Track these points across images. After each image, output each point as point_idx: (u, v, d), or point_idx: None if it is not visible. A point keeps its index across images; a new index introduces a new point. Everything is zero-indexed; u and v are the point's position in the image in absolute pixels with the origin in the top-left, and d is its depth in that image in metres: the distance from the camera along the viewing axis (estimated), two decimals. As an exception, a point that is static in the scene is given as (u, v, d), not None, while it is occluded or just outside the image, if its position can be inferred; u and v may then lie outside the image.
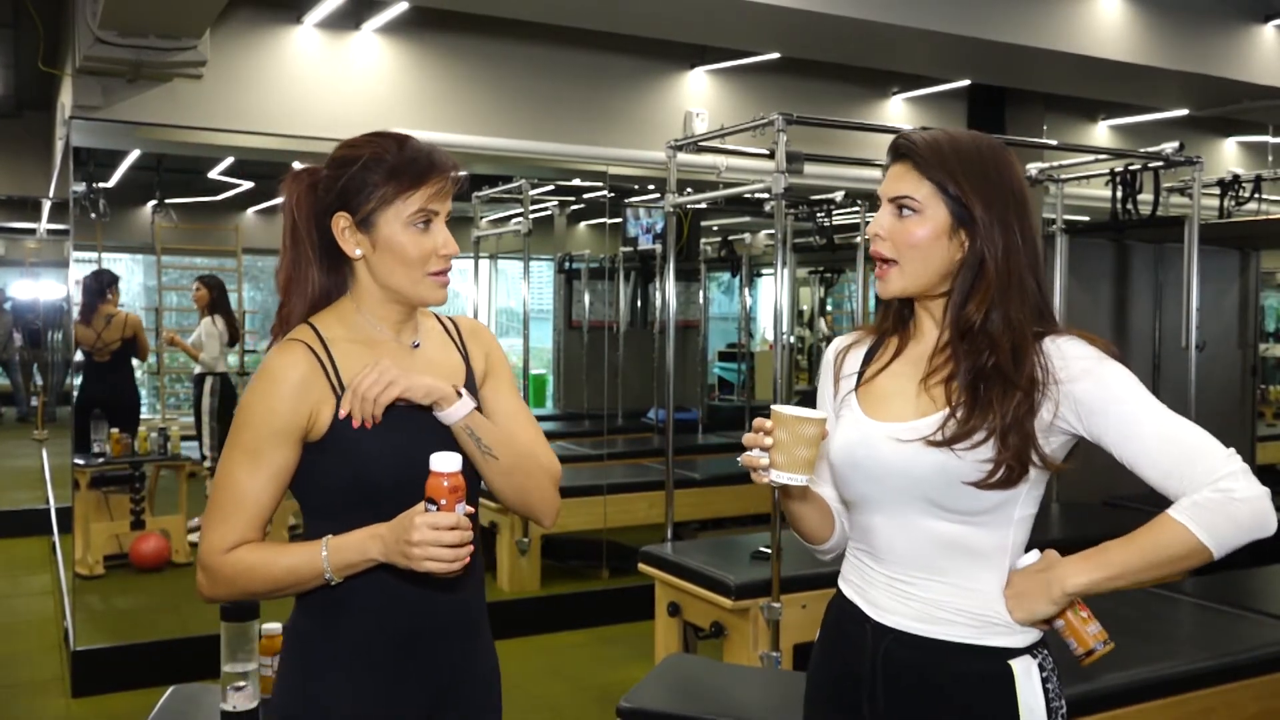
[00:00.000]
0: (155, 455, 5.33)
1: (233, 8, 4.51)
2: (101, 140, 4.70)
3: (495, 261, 7.76)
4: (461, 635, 1.55)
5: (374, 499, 1.44)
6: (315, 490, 1.48)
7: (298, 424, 1.44)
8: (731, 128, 3.81)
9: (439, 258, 1.51)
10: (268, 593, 1.45)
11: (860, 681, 1.48)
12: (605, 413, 6.78)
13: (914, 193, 1.43)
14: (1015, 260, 1.41)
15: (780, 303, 3.66)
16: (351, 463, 1.44)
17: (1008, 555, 1.43)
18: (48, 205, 8.26)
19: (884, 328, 1.55)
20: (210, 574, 1.45)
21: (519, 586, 5.30)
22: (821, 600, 3.61)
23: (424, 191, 1.48)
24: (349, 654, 1.49)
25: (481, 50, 5.26)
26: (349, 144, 1.52)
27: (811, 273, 8.91)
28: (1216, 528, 1.31)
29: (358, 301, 1.53)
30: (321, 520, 1.47)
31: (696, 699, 2.69)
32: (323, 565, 1.41)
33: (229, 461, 1.46)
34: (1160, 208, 4.82)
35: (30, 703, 4.13)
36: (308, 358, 1.46)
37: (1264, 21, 5.24)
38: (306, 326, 1.51)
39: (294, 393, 1.44)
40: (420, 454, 1.41)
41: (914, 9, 4.34)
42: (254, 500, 1.44)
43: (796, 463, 1.37)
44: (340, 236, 1.49)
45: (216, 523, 1.45)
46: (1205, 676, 2.82)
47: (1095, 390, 1.37)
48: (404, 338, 1.56)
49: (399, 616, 1.49)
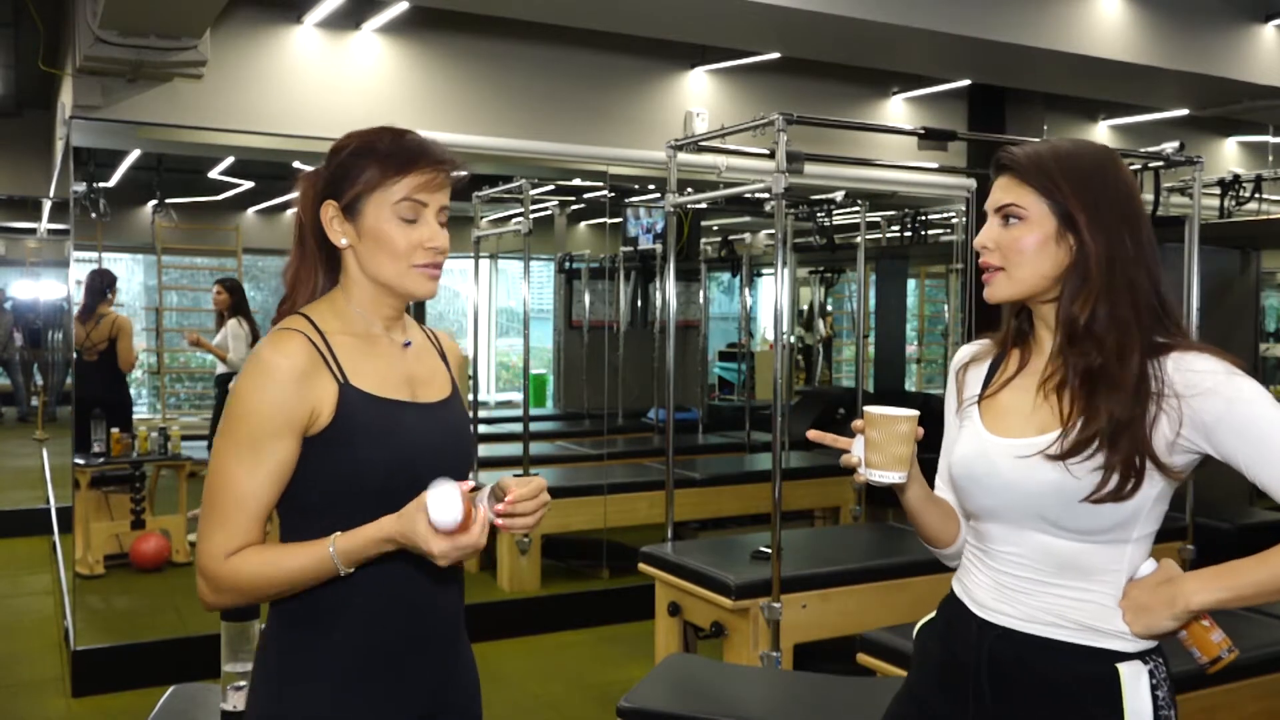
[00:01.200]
0: (155, 455, 5.33)
1: (233, 7, 4.51)
2: (102, 140, 4.70)
3: (495, 261, 7.78)
4: (446, 643, 1.53)
5: (362, 498, 1.41)
6: (303, 485, 1.42)
7: (301, 417, 1.39)
8: (732, 127, 3.81)
9: (426, 250, 1.46)
10: (276, 595, 1.41)
11: (967, 671, 1.48)
12: (605, 412, 6.78)
13: (1019, 200, 1.43)
14: (1121, 260, 1.39)
15: (780, 303, 3.66)
16: (349, 460, 1.41)
17: (1124, 573, 1.42)
18: (48, 205, 8.26)
19: (1004, 340, 1.55)
20: (214, 581, 1.39)
21: (519, 586, 5.30)
22: (822, 600, 3.63)
23: (411, 179, 1.44)
24: (332, 664, 1.44)
25: (482, 50, 5.26)
26: (347, 135, 1.50)
27: (812, 273, 8.91)
28: None
29: (349, 294, 1.50)
30: (301, 515, 1.44)
31: (697, 699, 2.69)
32: (332, 560, 1.37)
33: (226, 458, 1.39)
34: (1161, 207, 4.83)
35: (30, 702, 4.13)
36: (307, 347, 1.41)
37: (1264, 21, 5.23)
38: (300, 317, 1.46)
39: (296, 383, 1.38)
40: (414, 457, 1.44)
41: (914, 9, 4.34)
42: (255, 500, 1.39)
43: (891, 460, 1.41)
44: (328, 226, 1.46)
45: (216, 526, 1.39)
46: (1205, 676, 2.82)
47: (1222, 407, 1.34)
48: (395, 335, 1.53)
49: (385, 625, 1.45)
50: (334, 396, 1.41)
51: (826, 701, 2.67)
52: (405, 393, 1.49)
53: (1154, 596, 1.37)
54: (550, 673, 4.48)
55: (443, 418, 1.53)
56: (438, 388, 1.55)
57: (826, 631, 3.46)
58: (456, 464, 1.50)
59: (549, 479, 5.78)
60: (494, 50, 5.28)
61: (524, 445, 5.46)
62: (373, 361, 1.47)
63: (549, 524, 5.35)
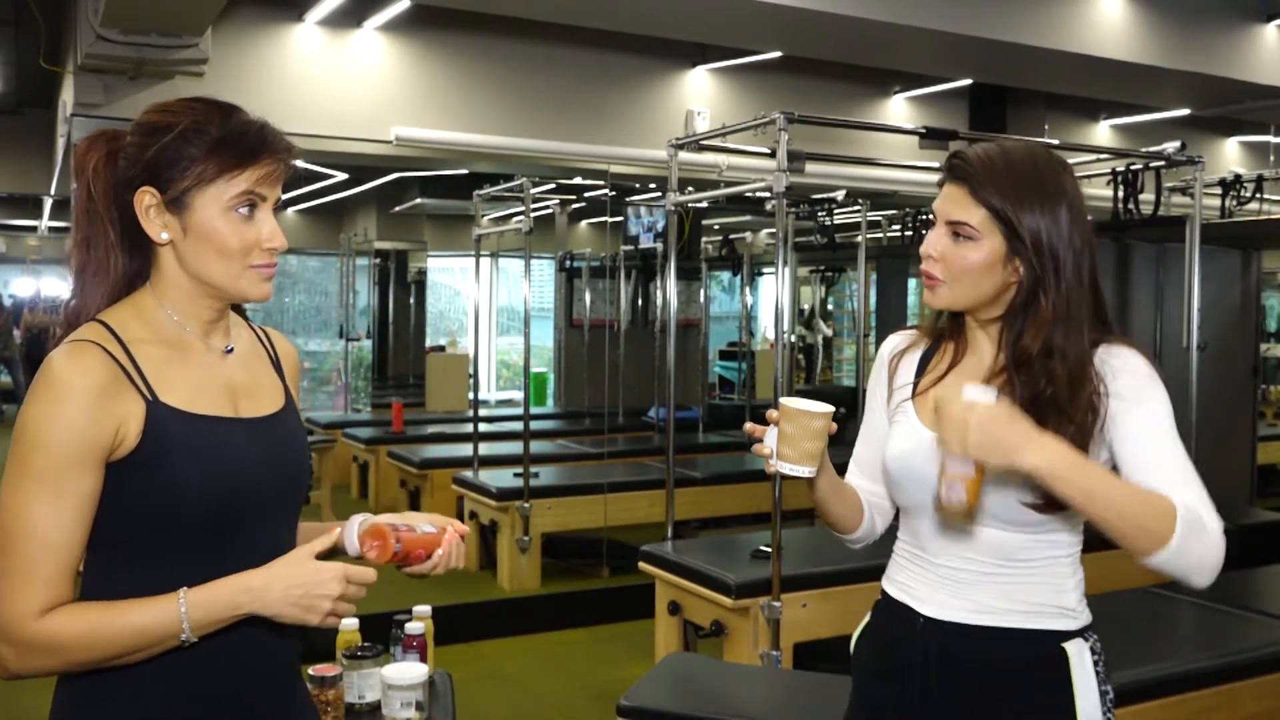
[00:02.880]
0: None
1: (234, 5, 4.51)
2: (103, 138, 4.70)
3: (496, 260, 7.78)
4: (276, 704, 1.34)
5: (181, 531, 1.23)
6: (110, 520, 1.21)
7: (101, 442, 1.18)
8: (733, 126, 3.81)
9: (263, 250, 1.27)
10: (104, 660, 1.18)
11: (913, 670, 1.49)
12: (606, 411, 6.78)
13: (969, 219, 1.41)
14: (1072, 290, 1.40)
15: (781, 302, 3.66)
16: (162, 488, 1.21)
17: (1065, 555, 1.45)
18: (49, 203, 8.28)
19: (938, 331, 1.55)
20: (22, 647, 1.16)
21: (519, 585, 5.30)
22: (822, 599, 3.62)
23: (252, 172, 1.25)
24: (148, 716, 1.24)
25: (483, 48, 5.26)
26: (162, 108, 1.29)
27: (812, 272, 8.92)
28: (1187, 536, 1.28)
29: (160, 295, 1.29)
30: (112, 551, 1.23)
31: (697, 698, 2.69)
32: (180, 623, 1.18)
33: (19, 496, 1.17)
34: (1162, 207, 4.82)
35: (31, 701, 4.13)
36: (104, 362, 1.20)
37: (1265, 21, 5.23)
38: (96, 324, 1.24)
39: (93, 403, 1.18)
40: (238, 479, 1.26)
41: (916, 8, 4.34)
42: (61, 545, 1.17)
43: (802, 455, 1.41)
44: (144, 215, 1.25)
45: (18, 580, 1.16)
46: (1205, 676, 2.82)
47: (1127, 397, 1.38)
48: (214, 341, 1.32)
49: (206, 679, 1.25)
50: (140, 415, 1.21)
51: (826, 701, 2.66)
52: (226, 407, 1.30)
53: (1009, 428, 1.27)
54: (550, 672, 4.48)
55: (271, 433, 1.33)
56: (267, 399, 1.36)
57: (826, 630, 3.46)
58: (287, 486, 1.34)
59: (549, 477, 5.83)
60: (495, 49, 5.28)
61: (524, 444, 5.46)
62: (185, 372, 1.27)
63: (549, 522, 5.36)
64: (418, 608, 2.08)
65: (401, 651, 2.03)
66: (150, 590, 1.20)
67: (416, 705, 1.86)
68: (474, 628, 4.78)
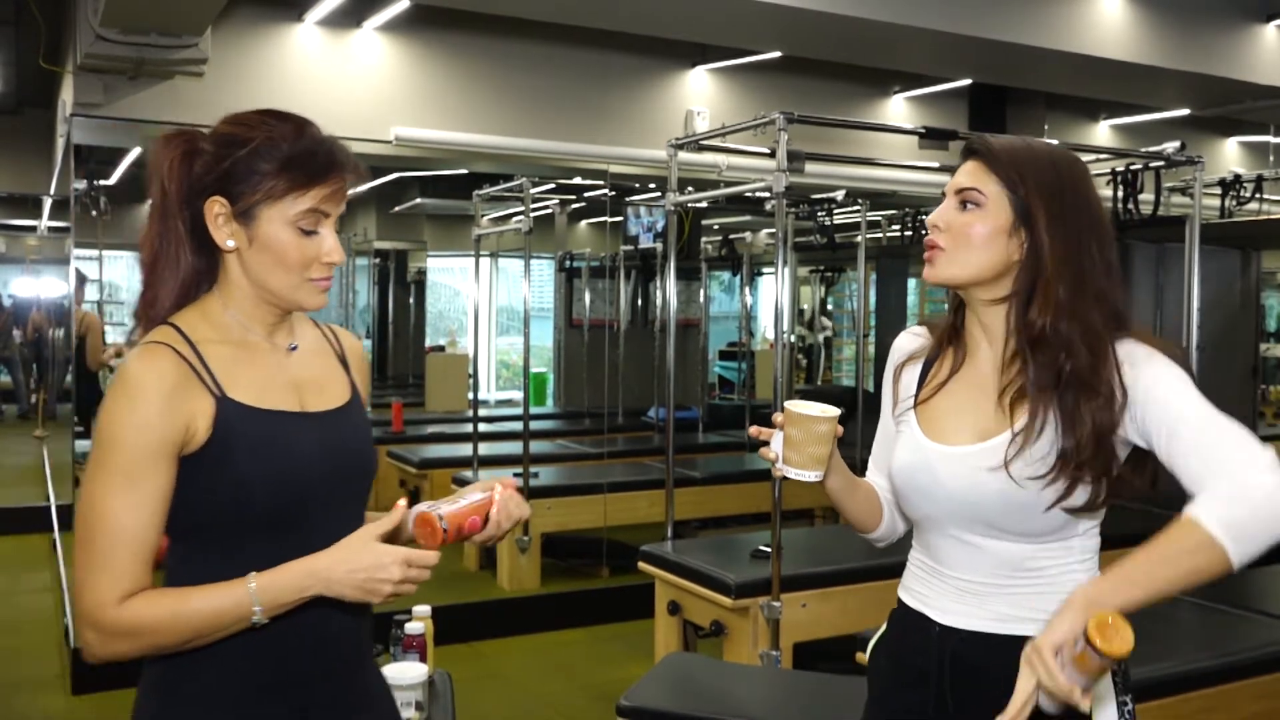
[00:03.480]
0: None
1: (234, 5, 4.51)
2: (103, 138, 4.70)
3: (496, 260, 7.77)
4: (347, 672, 1.41)
5: (250, 521, 1.30)
6: (185, 511, 1.29)
7: (174, 438, 1.26)
8: (732, 126, 3.81)
9: (322, 265, 1.34)
10: (182, 643, 1.25)
11: (928, 678, 1.47)
12: (606, 411, 6.78)
13: (981, 186, 1.41)
14: (1082, 266, 1.38)
15: (781, 302, 3.66)
16: (232, 480, 1.28)
17: (1078, 563, 1.43)
18: (49, 203, 8.27)
19: (943, 335, 1.53)
20: (105, 631, 1.24)
21: (519, 585, 5.29)
22: (822, 599, 3.62)
23: (318, 191, 1.31)
24: (218, 692, 1.30)
25: (483, 48, 5.26)
26: (238, 120, 1.34)
27: (812, 272, 8.91)
28: (1241, 533, 1.21)
29: (225, 299, 1.36)
30: (188, 541, 1.32)
31: (696, 698, 2.69)
32: (251, 606, 1.24)
33: (100, 491, 1.24)
34: (1161, 207, 4.82)
35: (31, 700, 4.13)
36: (175, 362, 1.28)
37: (1265, 21, 5.23)
38: (168, 328, 1.32)
39: (166, 401, 1.25)
40: (304, 471, 1.33)
41: (915, 8, 4.34)
42: (140, 536, 1.24)
43: (808, 460, 1.40)
44: (212, 223, 1.31)
45: (98, 569, 1.23)
46: (1205, 676, 2.82)
47: (1137, 387, 1.35)
48: (278, 340, 1.40)
49: (282, 651, 1.32)
50: (210, 412, 1.28)
51: (826, 701, 2.67)
52: (292, 402, 1.36)
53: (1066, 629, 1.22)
54: (550, 671, 4.48)
55: (337, 426, 1.40)
56: (332, 394, 1.42)
57: (826, 630, 3.46)
58: (354, 476, 1.41)
59: (549, 478, 5.83)
60: (495, 49, 5.28)
61: (524, 444, 5.46)
62: (252, 370, 1.35)
63: (549, 522, 5.36)
64: (417, 608, 2.08)
65: (401, 651, 2.03)
66: (224, 576, 1.26)
67: (416, 705, 1.86)
68: (474, 628, 4.78)
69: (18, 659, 4.55)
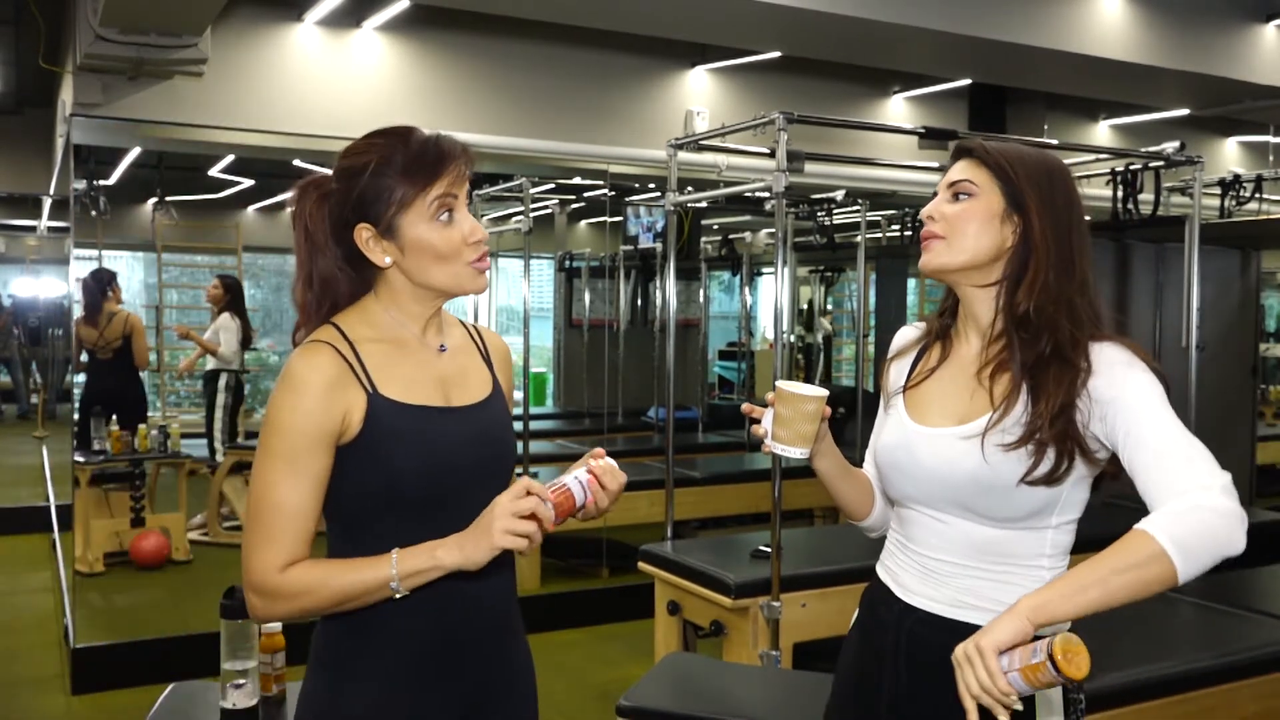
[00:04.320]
0: (155, 453, 5.33)
1: (234, 5, 4.51)
2: (102, 137, 4.70)
3: (496, 260, 7.76)
4: (499, 640, 1.54)
5: (401, 506, 1.42)
6: (342, 495, 1.42)
7: (331, 427, 1.39)
8: (732, 126, 3.81)
9: (470, 245, 1.45)
10: (330, 606, 1.39)
11: (883, 658, 1.51)
12: (605, 411, 6.78)
13: (972, 177, 1.47)
14: (1070, 251, 1.44)
15: (780, 302, 3.66)
16: (383, 470, 1.41)
17: (1046, 557, 1.45)
18: (48, 202, 8.26)
19: (934, 327, 1.59)
20: (268, 596, 1.38)
21: (519, 585, 5.28)
22: (821, 599, 3.62)
23: (440, 183, 1.43)
24: (383, 660, 1.44)
25: (482, 48, 5.26)
26: (352, 151, 1.47)
27: (812, 272, 8.91)
28: (1188, 551, 1.25)
29: (385, 301, 1.48)
30: (346, 526, 1.44)
31: (696, 698, 2.69)
32: (391, 579, 1.36)
33: (266, 473, 1.39)
34: (1161, 207, 4.82)
35: (30, 700, 4.13)
36: (333, 358, 1.41)
37: (1265, 21, 5.23)
38: (329, 326, 1.46)
39: (325, 394, 1.38)
40: (449, 462, 1.44)
41: (915, 8, 4.34)
42: (300, 513, 1.38)
43: (796, 437, 1.47)
44: (366, 248, 1.44)
45: (263, 541, 1.38)
46: (1205, 676, 2.82)
47: (1115, 399, 1.38)
48: (429, 338, 1.51)
49: (439, 621, 1.45)
50: (363, 406, 1.41)
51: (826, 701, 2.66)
52: (438, 397, 1.48)
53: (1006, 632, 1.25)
54: (550, 671, 4.48)
55: (479, 420, 1.51)
56: (475, 389, 1.53)
57: (826, 630, 3.46)
58: (495, 466, 1.51)
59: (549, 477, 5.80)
60: (495, 48, 5.28)
61: (524, 444, 5.46)
62: (403, 367, 1.46)
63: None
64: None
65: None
66: (375, 553, 1.38)
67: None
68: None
69: (17, 659, 4.55)
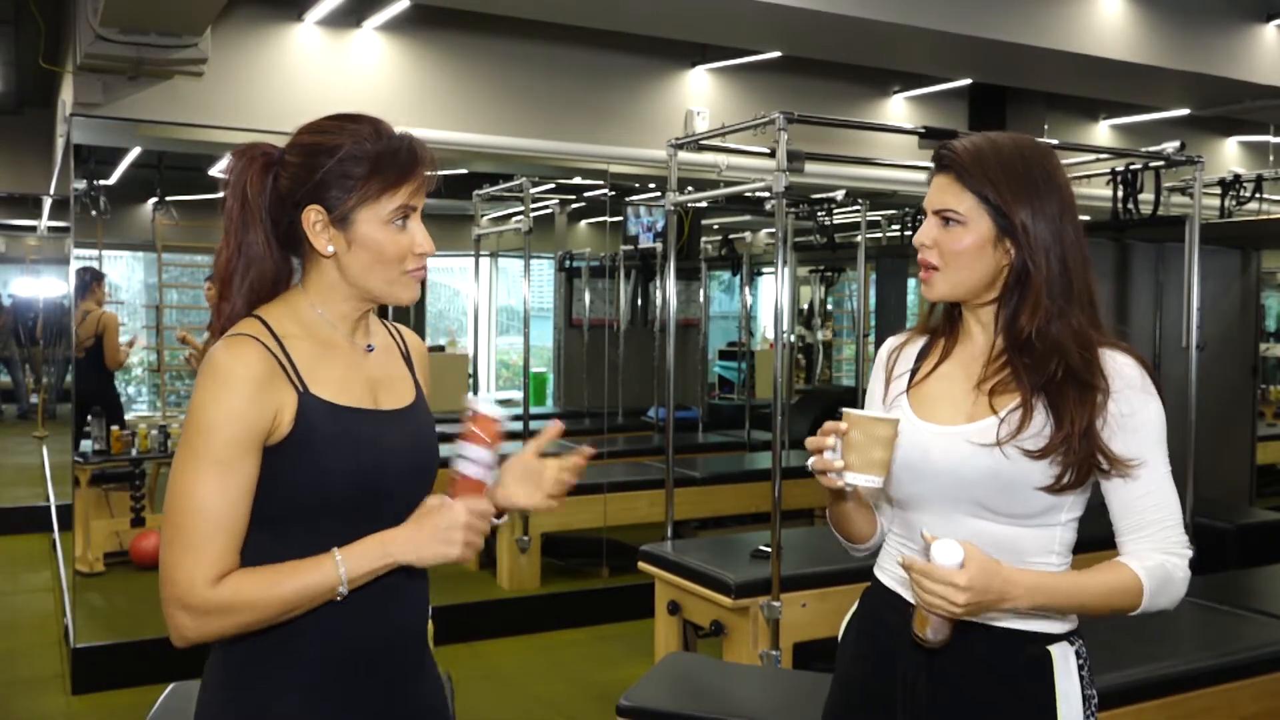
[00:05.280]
0: (155, 452, 5.33)
1: (234, 5, 4.51)
2: (102, 137, 4.70)
3: (496, 259, 7.77)
4: (413, 655, 1.46)
5: (326, 510, 1.35)
6: (268, 497, 1.33)
7: (262, 427, 1.31)
8: (732, 126, 3.81)
9: (415, 256, 1.39)
10: (271, 619, 1.30)
11: (895, 659, 1.49)
12: (605, 411, 6.78)
13: (957, 206, 1.44)
14: (1066, 260, 1.42)
15: (781, 301, 3.66)
16: (313, 472, 1.34)
17: (1055, 554, 1.45)
18: (48, 202, 8.26)
19: (933, 327, 1.58)
20: (198, 612, 1.27)
21: (519, 585, 5.29)
22: (821, 599, 3.62)
23: (407, 188, 1.37)
24: (290, 676, 1.36)
25: (483, 48, 5.26)
26: (319, 129, 1.39)
27: (812, 271, 8.90)
28: (1154, 596, 1.39)
29: (314, 298, 1.41)
30: (269, 528, 1.34)
31: (696, 697, 2.69)
32: (338, 578, 1.30)
33: (191, 476, 1.28)
34: (1161, 207, 4.82)
35: (30, 700, 4.13)
36: (262, 354, 1.33)
37: (1265, 21, 5.23)
38: (254, 320, 1.37)
39: (256, 392, 1.30)
40: (379, 466, 1.38)
41: (915, 8, 4.34)
42: (229, 519, 1.29)
43: (871, 464, 1.37)
44: (311, 231, 1.37)
45: (187, 551, 1.27)
46: (1205, 676, 2.82)
47: (1125, 416, 1.41)
48: (358, 339, 1.45)
49: (352, 635, 1.37)
50: (293, 405, 1.33)
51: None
52: (367, 399, 1.42)
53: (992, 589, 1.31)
54: (550, 671, 4.48)
55: (406, 424, 1.46)
56: (401, 392, 1.49)
57: (826, 630, 3.46)
58: (421, 470, 1.46)
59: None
60: (495, 48, 5.28)
61: (524, 444, 5.45)
62: (332, 368, 1.40)
63: (549, 522, 5.35)
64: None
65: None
66: (301, 558, 1.31)
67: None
68: (474, 628, 4.78)
69: (17, 659, 4.55)
